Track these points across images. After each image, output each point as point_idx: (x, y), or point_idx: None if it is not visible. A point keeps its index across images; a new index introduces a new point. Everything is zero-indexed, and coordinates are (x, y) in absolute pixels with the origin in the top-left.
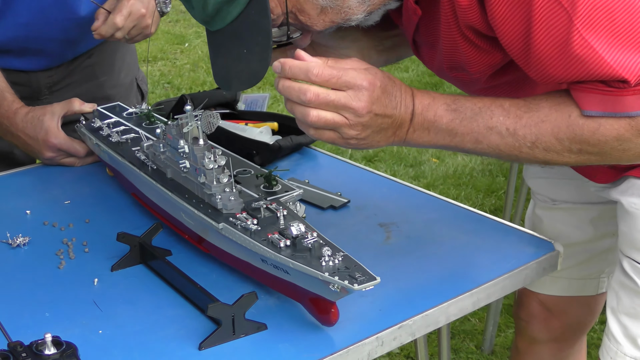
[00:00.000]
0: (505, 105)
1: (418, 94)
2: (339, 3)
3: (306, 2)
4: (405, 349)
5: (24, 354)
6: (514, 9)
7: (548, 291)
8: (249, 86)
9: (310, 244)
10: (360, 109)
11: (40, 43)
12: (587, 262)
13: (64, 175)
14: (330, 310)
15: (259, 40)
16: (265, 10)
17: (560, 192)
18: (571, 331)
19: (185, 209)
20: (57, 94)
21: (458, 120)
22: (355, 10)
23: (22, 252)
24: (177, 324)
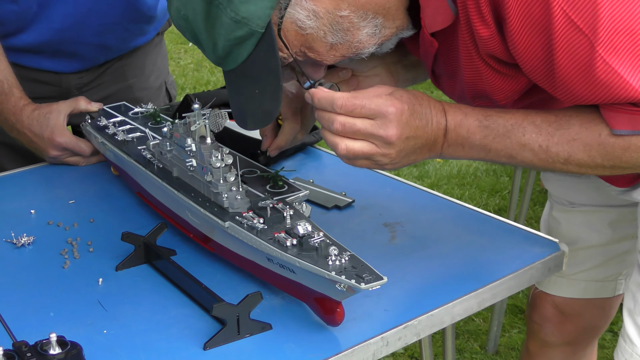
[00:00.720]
0: (536, 122)
1: (450, 109)
2: (348, 38)
3: (315, 40)
4: (410, 349)
5: (29, 353)
6: (534, 37)
7: (565, 293)
8: (263, 126)
9: (317, 243)
10: (390, 136)
11: (74, 47)
12: (605, 265)
13: (68, 174)
14: (335, 310)
15: (269, 80)
16: (273, 52)
17: (579, 195)
18: (584, 335)
19: (191, 208)
20: (86, 95)
21: (491, 137)
22: (366, 44)
23: (26, 251)
24: (181, 324)
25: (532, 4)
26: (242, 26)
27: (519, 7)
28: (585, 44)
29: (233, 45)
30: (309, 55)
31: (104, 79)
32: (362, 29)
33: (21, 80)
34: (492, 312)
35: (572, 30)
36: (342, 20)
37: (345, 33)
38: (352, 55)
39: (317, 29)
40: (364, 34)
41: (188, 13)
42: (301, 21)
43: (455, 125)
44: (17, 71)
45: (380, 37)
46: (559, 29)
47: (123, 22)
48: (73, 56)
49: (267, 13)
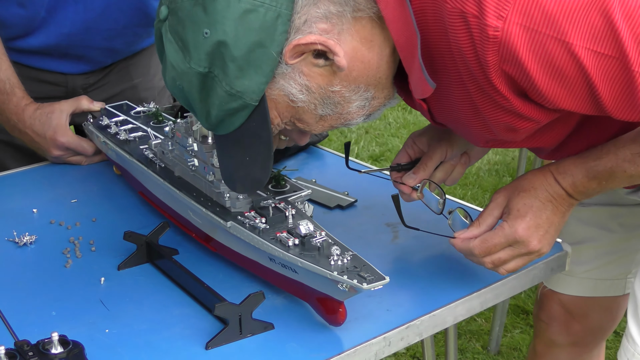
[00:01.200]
0: (627, 157)
1: (558, 176)
2: (338, 110)
3: (304, 113)
4: (412, 349)
5: (31, 352)
6: (570, 87)
7: (574, 292)
8: (253, 191)
9: (319, 243)
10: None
11: (82, 50)
12: (615, 263)
13: (70, 173)
14: (338, 310)
15: (260, 150)
16: (266, 123)
17: None
18: (591, 336)
19: (193, 207)
20: (91, 95)
21: (603, 182)
22: (355, 115)
23: (28, 250)
24: (183, 323)
25: (558, 60)
26: (237, 99)
27: (544, 69)
28: (619, 67)
29: (226, 115)
30: (297, 125)
31: (109, 79)
32: (352, 102)
33: (26, 80)
34: (494, 312)
35: (603, 61)
36: (333, 94)
37: (336, 106)
38: (340, 125)
39: (308, 102)
40: (354, 106)
41: (184, 84)
42: (293, 95)
43: (572, 187)
44: (23, 71)
45: (369, 108)
46: (592, 67)
47: (132, 27)
48: (80, 58)
49: (261, 88)
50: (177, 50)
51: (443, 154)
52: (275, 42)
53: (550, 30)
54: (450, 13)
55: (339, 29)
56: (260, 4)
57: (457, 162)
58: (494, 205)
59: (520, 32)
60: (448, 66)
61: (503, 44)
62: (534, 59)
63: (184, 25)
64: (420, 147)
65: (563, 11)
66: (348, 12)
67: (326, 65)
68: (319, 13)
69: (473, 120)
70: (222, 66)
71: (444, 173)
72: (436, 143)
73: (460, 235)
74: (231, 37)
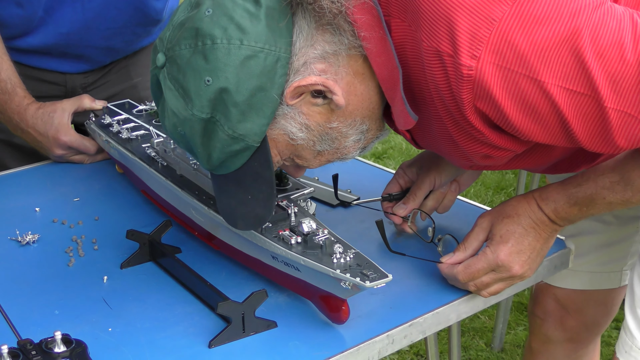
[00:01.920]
0: (606, 185)
1: (541, 202)
2: (335, 146)
3: (303, 149)
4: (415, 347)
5: (34, 351)
6: (543, 123)
7: (570, 285)
8: (255, 228)
9: (322, 241)
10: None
11: (80, 50)
12: (610, 255)
13: (73, 172)
14: (341, 308)
15: (263, 189)
16: (267, 163)
17: None
18: (586, 331)
19: (195, 206)
20: (90, 94)
21: (584, 208)
22: (351, 149)
23: (31, 249)
24: (187, 322)
25: (530, 98)
26: (239, 141)
27: (516, 106)
28: (592, 104)
29: (228, 157)
30: (296, 161)
31: (108, 78)
32: (349, 137)
33: (26, 79)
34: (497, 309)
35: (575, 98)
36: (331, 131)
37: (333, 141)
38: (336, 160)
39: (307, 140)
40: (350, 141)
41: (185, 130)
42: (293, 133)
43: (555, 214)
44: (22, 70)
45: (364, 141)
46: (564, 104)
47: (130, 26)
48: (79, 58)
49: (263, 130)
50: (177, 97)
51: (432, 183)
52: (276, 85)
53: (523, 69)
54: (427, 51)
55: (335, 68)
56: (260, 49)
57: (448, 190)
58: (478, 229)
59: (493, 70)
60: (427, 99)
61: (477, 83)
62: (507, 97)
63: (184, 73)
64: (410, 177)
65: (535, 50)
66: (343, 51)
67: (325, 103)
68: (316, 54)
69: (452, 150)
70: (225, 111)
71: (434, 201)
72: (425, 173)
73: (447, 261)
74: (233, 84)
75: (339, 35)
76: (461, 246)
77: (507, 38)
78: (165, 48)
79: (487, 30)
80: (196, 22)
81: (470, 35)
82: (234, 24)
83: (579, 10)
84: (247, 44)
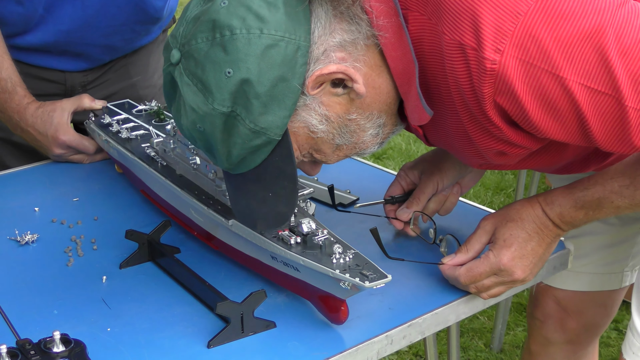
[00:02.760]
0: (615, 189)
1: (546, 207)
2: (354, 140)
3: (323, 143)
4: (414, 347)
5: (33, 351)
6: (562, 120)
7: (571, 287)
8: (277, 227)
9: (321, 241)
10: (517, 278)
11: (80, 48)
12: (611, 256)
13: (72, 172)
14: (340, 309)
15: (285, 184)
16: (290, 157)
17: None
18: (586, 333)
19: (194, 206)
20: (90, 93)
21: (591, 212)
22: (369, 144)
23: (30, 249)
24: (185, 322)
25: (551, 94)
26: (260, 135)
27: (537, 102)
28: (612, 103)
29: (248, 153)
30: (315, 156)
31: (108, 77)
32: (367, 130)
33: (25, 78)
34: (496, 310)
35: (596, 97)
36: (350, 123)
37: (352, 135)
38: (354, 155)
39: (327, 132)
40: (368, 135)
41: (205, 126)
42: (313, 125)
43: (560, 218)
44: (22, 68)
45: (381, 136)
46: (584, 103)
47: (130, 24)
48: (79, 56)
49: (284, 122)
50: (196, 92)
51: (435, 186)
52: (297, 75)
53: (546, 65)
54: (449, 44)
55: (354, 57)
56: (280, 38)
57: (450, 193)
58: (481, 232)
59: (516, 65)
60: (443, 94)
61: (499, 77)
62: (528, 92)
63: (203, 67)
64: (412, 179)
65: (558, 46)
66: (361, 40)
67: (344, 93)
68: (335, 42)
69: (466, 147)
70: (246, 104)
71: (436, 204)
72: (428, 176)
73: (449, 262)
74: (255, 75)
75: (356, 24)
76: (463, 248)
77: (531, 33)
78: (179, 44)
79: (512, 24)
80: (212, 14)
81: (494, 29)
82: (252, 14)
83: (603, 8)
84: (267, 33)
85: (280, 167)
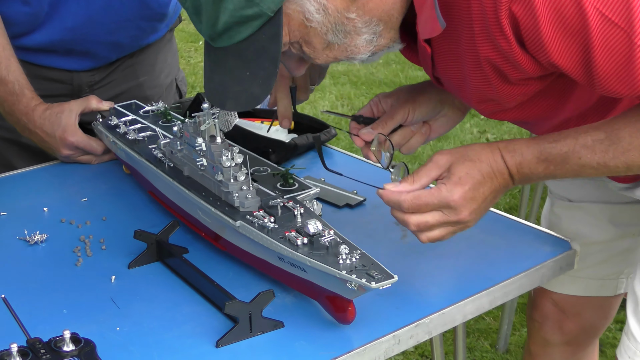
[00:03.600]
0: (588, 144)
1: (506, 153)
2: (347, 41)
3: (315, 35)
4: (420, 347)
5: (43, 350)
6: (569, 42)
7: (567, 291)
8: (246, 109)
9: (328, 242)
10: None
11: (86, 45)
12: (606, 262)
13: (80, 172)
14: (347, 309)
15: (265, 65)
16: (277, 37)
17: (579, 192)
18: (584, 334)
19: (202, 207)
20: (96, 93)
21: (552, 167)
22: (362, 50)
23: (39, 249)
24: (194, 322)
25: (565, 10)
26: (253, 6)
27: (550, 15)
28: (622, 37)
29: (235, 23)
30: (304, 49)
31: (114, 77)
32: (361, 35)
33: (32, 79)
34: (502, 310)
35: (608, 27)
36: (347, 22)
37: (345, 35)
38: (344, 58)
39: (321, 24)
40: (362, 40)
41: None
42: (310, 13)
43: (517, 168)
44: (29, 69)
45: (375, 45)
46: (595, 29)
47: (135, 20)
48: (85, 54)
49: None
50: None
51: (404, 116)
52: None
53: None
54: None
55: None
56: None
57: (417, 131)
58: (433, 165)
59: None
60: (461, 5)
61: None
62: (544, 4)
63: None
64: (384, 107)
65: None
66: None
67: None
68: None
69: (472, 72)
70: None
71: (401, 137)
72: (400, 104)
73: (391, 189)
74: None
75: None
76: (410, 178)
77: None
78: None
79: None
80: None
81: None
82: None
83: None
84: None
85: (265, 47)
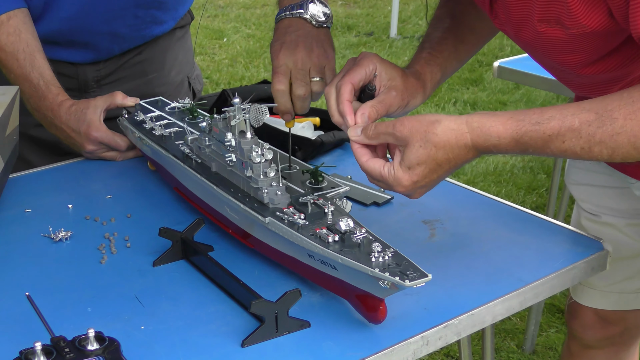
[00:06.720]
0: (575, 125)
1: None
2: None
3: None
4: (445, 347)
5: (67, 349)
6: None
7: (599, 305)
8: None
9: (360, 239)
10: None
11: (86, 36)
12: (637, 276)
13: (105, 169)
14: (378, 308)
15: None
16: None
17: (605, 200)
18: (627, 335)
19: (230, 203)
20: (105, 88)
21: (530, 149)
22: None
23: (64, 246)
24: (219, 321)
25: None
26: None
27: None
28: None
29: None
30: None
31: (122, 74)
32: None
33: None
34: (529, 311)
35: None
36: None
37: None
38: None
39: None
40: None
41: None
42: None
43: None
44: None
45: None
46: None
47: (130, 8)
48: (86, 45)
49: None
50: None
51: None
52: None
53: None
54: None
55: None
56: None
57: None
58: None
59: None
60: None
61: None
62: None
63: None
64: None
65: None
66: None
67: None
68: None
69: None
70: None
71: None
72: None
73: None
74: None
75: None
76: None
77: None
78: None
79: None
80: None
81: None
82: None
83: None
84: None
85: None
